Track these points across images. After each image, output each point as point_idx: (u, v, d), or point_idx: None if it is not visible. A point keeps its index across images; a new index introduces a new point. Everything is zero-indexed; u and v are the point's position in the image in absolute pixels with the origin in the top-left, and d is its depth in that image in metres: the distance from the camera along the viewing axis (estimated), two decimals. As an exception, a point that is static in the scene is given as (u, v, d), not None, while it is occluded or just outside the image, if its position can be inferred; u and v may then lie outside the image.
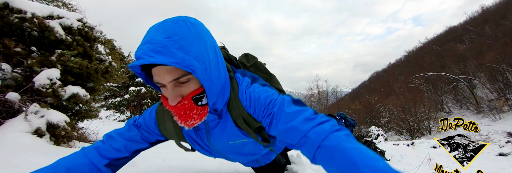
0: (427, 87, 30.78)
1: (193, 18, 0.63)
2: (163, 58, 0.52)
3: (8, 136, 1.66)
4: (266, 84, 0.77)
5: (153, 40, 0.54)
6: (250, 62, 1.00)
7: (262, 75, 0.98)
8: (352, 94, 54.00)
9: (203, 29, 0.63)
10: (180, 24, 0.57)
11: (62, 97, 2.16)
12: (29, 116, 1.88)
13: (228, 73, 0.73)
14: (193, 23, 0.60)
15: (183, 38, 0.56)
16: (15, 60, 2.28)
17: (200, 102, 0.63)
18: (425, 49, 46.38)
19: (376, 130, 13.28)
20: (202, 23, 0.65)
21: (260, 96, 0.69)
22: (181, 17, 0.60)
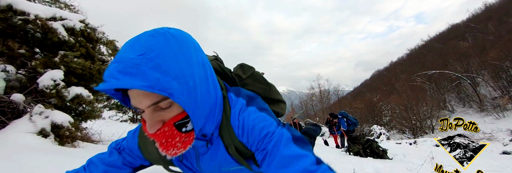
0: (430, 85, 30.60)
1: (176, 30, 0.55)
2: (131, 81, 0.44)
3: (13, 137, 1.69)
4: (264, 109, 0.66)
5: (124, 58, 0.46)
6: (247, 73, 0.92)
7: (260, 86, 0.93)
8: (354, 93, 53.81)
9: (187, 41, 0.54)
10: (158, 38, 0.49)
11: (65, 97, 2.18)
12: (34, 116, 1.90)
13: (220, 91, 0.64)
14: (175, 36, 0.52)
15: (161, 55, 0.47)
16: (19, 61, 2.31)
17: (184, 128, 0.54)
18: (428, 47, 46.05)
19: (378, 128, 13.25)
20: (187, 35, 0.57)
21: (255, 125, 0.59)
22: (161, 29, 0.52)
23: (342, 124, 6.86)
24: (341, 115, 7.04)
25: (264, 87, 0.94)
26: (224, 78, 0.90)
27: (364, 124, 23.01)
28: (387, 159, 5.51)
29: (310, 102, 29.38)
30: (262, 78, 0.96)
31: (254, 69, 0.96)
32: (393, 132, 21.76)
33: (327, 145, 8.12)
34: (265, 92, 0.93)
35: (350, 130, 6.85)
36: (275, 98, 0.96)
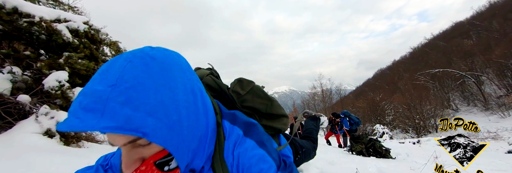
0: (433, 84, 30.33)
1: (160, 50, 0.47)
2: (95, 121, 0.36)
3: (20, 137, 1.72)
4: (263, 143, 0.59)
5: (91, 91, 0.39)
6: (246, 89, 0.86)
7: (261, 102, 0.86)
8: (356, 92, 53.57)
9: (172, 64, 0.46)
10: (134, 63, 0.41)
11: (70, 98, 2.21)
12: (40, 117, 1.94)
13: (214, 117, 0.57)
14: (157, 59, 0.44)
15: (135, 86, 0.39)
16: (24, 63, 2.35)
17: (167, 166, 0.46)
18: (431, 46, 45.63)
19: (381, 128, 13.18)
20: (173, 55, 0.49)
21: (251, 166, 0.52)
22: (140, 52, 0.44)
23: (345, 123, 6.85)
24: (344, 114, 7.03)
25: (265, 102, 0.88)
26: (220, 96, 0.84)
27: (367, 123, 22.91)
28: (390, 158, 5.49)
29: (312, 101, 29.32)
30: (262, 93, 0.89)
31: (254, 83, 0.90)
32: (396, 131, 21.63)
33: (329, 144, 8.11)
34: (266, 107, 0.87)
35: (353, 129, 6.84)
36: (277, 113, 0.90)
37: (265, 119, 0.87)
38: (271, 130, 0.87)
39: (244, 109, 0.83)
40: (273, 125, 0.88)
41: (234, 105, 0.82)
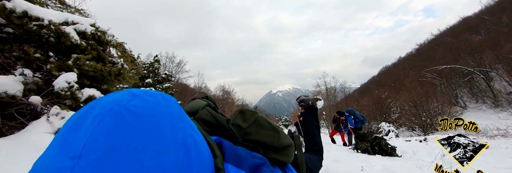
0: (440, 80, 29.81)
1: (142, 98, 0.37)
2: None
3: (33, 137, 1.79)
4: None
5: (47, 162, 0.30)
6: (248, 121, 0.78)
7: (266, 134, 0.79)
8: (361, 90, 53.01)
9: (158, 116, 0.37)
10: (107, 124, 0.31)
11: (79, 99, 2.28)
12: (51, 117, 2.01)
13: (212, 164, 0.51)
14: (136, 112, 0.34)
15: (108, 156, 0.30)
16: (35, 65, 2.42)
17: None
18: (438, 42, 44.75)
19: (387, 126, 13.04)
20: (160, 100, 0.40)
21: None
22: (116, 105, 0.34)
23: (350, 121, 6.82)
24: (348, 113, 6.99)
25: (271, 133, 0.80)
26: (218, 130, 0.77)
27: (372, 121, 22.71)
28: (396, 156, 5.45)
29: (317, 100, 29.14)
30: (268, 124, 0.81)
31: (257, 113, 0.81)
32: (402, 129, 21.38)
33: (334, 143, 8.09)
34: (272, 139, 0.79)
35: (358, 127, 6.80)
36: (284, 144, 0.83)
37: (271, 151, 0.81)
38: (275, 162, 0.80)
39: (246, 142, 0.76)
40: (278, 158, 0.80)
41: (235, 139, 0.76)
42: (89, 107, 0.34)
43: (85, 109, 0.34)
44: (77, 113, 0.34)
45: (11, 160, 1.19)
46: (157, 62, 13.19)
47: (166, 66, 25.57)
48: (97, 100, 0.36)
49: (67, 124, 0.33)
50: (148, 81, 10.83)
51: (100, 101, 0.35)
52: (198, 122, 0.78)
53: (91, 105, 0.35)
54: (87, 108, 0.34)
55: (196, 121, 0.78)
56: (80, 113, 0.33)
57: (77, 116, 0.33)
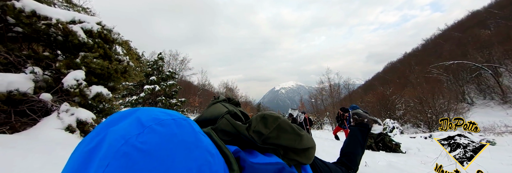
0: (447, 76, 29.32)
1: (153, 130, 0.35)
2: None
3: (45, 132, 1.85)
4: None
5: None
6: (270, 127, 0.76)
7: (289, 138, 0.79)
8: (365, 86, 52.52)
9: (172, 150, 0.35)
10: (114, 168, 0.30)
11: (88, 96, 2.34)
12: (61, 114, 2.07)
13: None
14: (147, 151, 0.33)
15: None
16: (44, 63, 2.48)
17: None
18: (445, 37, 43.79)
19: (391, 122, 12.96)
20: (174, 129, 0.37)
21: None
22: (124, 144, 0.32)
23: (354, 118, 6.79)
24: (352, 109, 6.97)
25: (293, 137, 0.80)
26: (237, 138, 0.76)
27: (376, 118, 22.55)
28: (400, 153, 5.44)
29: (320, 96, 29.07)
30: (290, 128, 0.80)
31: (280, 118, 0.79)
32: (407, 126, 21.22)
33: (338, 139, 8.10)
34: (295, 143, 0.79)
35: (362, 124, 6.77)
36: (305, 146, 0.83)
37: (292, 153, 0.82)
38: (295, 162, 0.83)
39: (265, 145, 0.77)
40: (298, 159, 0.83)
41: (254, 144, 0.76)
42: (98, 139, 0.33)
43: (93, 141, 0.33)
44: (82, 146, 0.33)
45: (27, 154, 1.24)
46: (161, 60, 13.31)
47: (170, 64, 25.73)
48: (104, 128, 0.34)
49: (72, 160, 0.32)
50: (152, 79, 10.95)
51: (107, 134, 0.33)
52: (217, 132, 0.76)
53: (99, 136, 0.34)
54: (95, 138, 0.33)
55: (215, 131, 0.75)
56: (88, 146, 0.32)
57: (84, 150, 0.32)
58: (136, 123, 0.35)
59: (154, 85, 10.28)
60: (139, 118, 0.37)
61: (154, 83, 10.70)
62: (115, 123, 0.36)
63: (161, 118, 0.38)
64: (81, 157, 0.32)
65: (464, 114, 18.30)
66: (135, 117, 0.37)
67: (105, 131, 0.34)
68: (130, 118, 0.37)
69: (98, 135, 0.34)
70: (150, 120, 0.36)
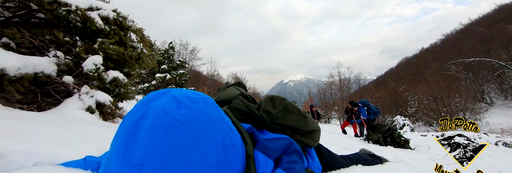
0: (466, 74, 27.96)
1: (186, 106, 0.41)
2: None
3: (68, 112, 2.00)
4: (292, 168, 0.59)
5: (115, 167, 0.37)
6: (278, 108, 0.83)
7: (294, 119, 0.85)
8: (376, 82, 51.13)
9: (201, 122, 0.42)
10: (161, 135, 0.37)
11: (105, 80, 2.46)
12: (82, 96, 2.21)
13: (244, 155, 0.55)
14: (184, 122, 0.40)
15: (165, 165, 0.37)
16: (65, 48, 2.61)
17: None
18: (467, 32, 41.27)
19: (402, 119, 12.67)
20: (202, 106, 0.44)
21: None
22: (165, 116, 0.39)
23: (362, 112, 6.73)
24: (362, 104, 6.88)
25: (299, 118, 0.86)
26: (249, 117, 0.83)
27: (387, 115, 22.13)
28: (408, 149, 5.36)
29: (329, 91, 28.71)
30: (296, 110, 0.86)
31: (286, 100, 0.86)
32: (419, 124, 20.70)
33: (345, 133, 8.09)
34: (300, 124, 0.86)
35: (371, 119, 6.70)
36: (311, 128, 0.89)
37: (298, 134, 0.87)
38: (301, 144, 0.87)
39: (274, 125, 0.83)
40: (304, 141, 0.88)
41: (264, 124, 0.82)
42: (141, 112, 0.39)
43: (137, 114, 0.39)
44: (130, 117, 0.40)
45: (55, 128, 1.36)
46: (172, 49, 13.52)
47: (180, 54, 26.04)
48: (145, 104, 0.41)
49: (124, 127, 0.39)
50: (163, 68, 11.23)
51: (149, 108, 0.40)
52: (232, 111, 0.84)
53: (142, 110, 0.40)
54: (139, 111, 0.39)
55: (230, 109, 0.84)
56: (134, 118, 0.39)
57: (132, 120, 0.39)
58: (172, 99, 0.42)
59: (165, 73, 10.55)
60: (174, 95, 0.43)
61: (165, 72, 10.97)
62: (153, 100, 0.43)
63: (192, 97, 0.45)
64: (130, 126, 0.39)
65: (482, 114, 17.56)
66: (170, 95, 0.44)
67: (146, 106, 0.41)
68: (166, 95, 0.44)
69: (141, 109, 0.41)
70: (183, 98, 0.43)
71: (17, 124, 1.30)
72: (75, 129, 1.55)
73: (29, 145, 1.06)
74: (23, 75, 1.83)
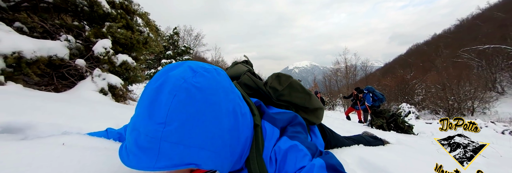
0: (479, 62, 26.98)
1: (202, 75, 0.46)
2: (153, 162, 0.40)
3: (83, 93, 2.11)
4: (297, 136, 0.62)
5: (142, 126, 0.41)
6: (284, 85, 0.86)
7: (299, 96, 0.88)
8: (384, 69, 50.04)
9: (216, 90, 0.47)
10: (180, 98, 0.41)
11: (115, 63, 2.54)
12: (94, 78, 2.30)
13: (252, 124, 0.59)
14: (201, 88, 0.44)
15: (185, 124, 0.41)
16: (75, 33, 2.67)
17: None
18: (484, 17, 38.93)
19: (408, 107, 12.61)
20: (216, 75, 0.49)
21: (287, 156, 0.55)
22: (184, 82, 0.43)
23: (367, 99, 6.73)
24: (367, 90, 6.85)
25: (303, 96, 0.89)
26: (257, 93, 0.86)
27: (392, 102, 22.01)
28: (412, 134, 5.41)
29: (334, 77, 28.42)
30: (301, 87, 0.90)
31: (292, 78, 0.90)
32: (425, 112, 20.59)
33: (349, 119, 8.19)
34: (304, 101, 0.89)
35: (375, 105, 6.71)
36: (314, 106, 0.92)
37: (302, 112, 0.91)
38: (305, 121, 0.87)
39: (280, 102, 0.87)
40: (308, 118, 0.92)
41: (270, 100, 0.86)
42: (161, 80, 0.43)
43: (158, 81, 0.43)
44: (152, 84, 0.44)
45: (73, 106, 1.46)
46: (176, 35, 13.42)
47: (184, 39, 25.83)
48: (164, 73, 0.45)
49: (146, 93, 0.44)
50: (168, 53, 11.28)
51: (168, 76, 0.44)
52: (241, 86, 0.89)
53: (162, 78, 0.44)
54: (159, 79, 0.44)
55: (239, 84, 0.88)
56: (155, 84, 0.43)
57: (153, 87, 0.43)
58: (189, 69, 0.46)
59: (170, 59, 10.62)
60: (190, 66, 0.48)
61: (171, 58, 11.03)
62: (171, 70, 0.47)
63: (206, 67, 0.50)
64: (153, 91, 0.43)
65: (491, 103, 17.24)
66: (186, 65, 0.49)
67: (166, 74, 0.45)
68: (182, 66, 0.49)
69: (161, 77, 0.45)
70: (198, 68, 0.48)
71: (40, 102, 1.40)
72: (92, 107, 1.66)
73: (54, 119, 1.16)
74: (39, 58, 1.90)
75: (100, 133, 0.89)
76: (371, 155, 1.38)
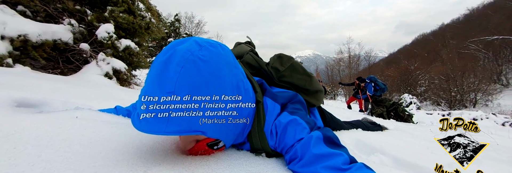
0: (486, 53, 26.38)
1: (207, 49, 0.49)
2: (163, 127, 0.43)
3: (89, 77, 2.15)
4: (296, 112, 0.65)
5: (153, 95, 0.44)
6: (285, 65, 0.88)
7: (300, 78, 0.90)
8: (388, 59, 49.23)
9: (220, 64, 0.50)
10: (187, 69, 0.45)
11: (119, 48, 2.55)
12: (99, 62, 2.33)
13: (255, 99, 0.62)
14: (207, 61, 0.47)
15: (192, 93, 0.45)
16: (78, 17, 2.65)
17: (216, 146, 0.57)
18: (496, 7, 37.28)
19: (410, 97, 12.58)
20: (220, 50, 0.52)
21: (287, 129, 0.59)
22: (191, 55, 0.46)
23: (369, 88, 6.73)
24: (370, 80, 6.84)
25: (304, 78, 0.91)
26: (259, 72, 0.89)
27: (394, 93, 21.95)
28: (411, 123, 5.46)
29: (337, 67, 28.17)
30: (302, 69, 0.91)
31: (293, 59, 0.91)
32: (426, 103, 20.59)
33: (349, 108, 8.26)
34: (305, 83, 0.91)
35: (377, 95, 6.73)
36: (315, 88, 0.93)
37: (303, 93, 0.92)
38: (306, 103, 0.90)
39: (281, 82, 0.88)
40: (308, 100, 0.93)
41: (272, 80, 0.88)
42: (169, 53, 0.46)
43: (166, 54, 0.46)
44: (160, 57, 0.47)
45: (80, 88, 1.51)
46: (178, 22, 13.20)
47: (186, 27, 25.40)
48: (172, 47, 0.48)
49: (155, 65, 0.47)
50: (170, 41, 11.19)
51: (176, 49, 0.47)
52: (244, 64, 0.92)
53: (169, 51, 0.47)
54: (167, 53, 0.46)
55: (242, 63, 0.89)
56: (163, 57, 0.46)
57: (162, 59, 0.46)
58: (195, 43, 0.49)
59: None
60: (196, 40, 0.51)
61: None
62: (178, 44, 0.51)
63: (211, 42, 0.52)
64: (162, 63, 0.46)
65: (494, 95, 17.11)
66: (192, 40, 0.52)
67: (173, 48, 0.48)
68: (189, 41, 0.52)
69: (169, 51, 0.48)
70: (204, 42, 0.50)
71: (49, 83, 1.44)
72: (99, 89, 1.71)
73: (65, 98, 1.21)
74: (44, 42, 1.92)
75: (110, 110, 0.94)
76: (369, 138, 1.43)
